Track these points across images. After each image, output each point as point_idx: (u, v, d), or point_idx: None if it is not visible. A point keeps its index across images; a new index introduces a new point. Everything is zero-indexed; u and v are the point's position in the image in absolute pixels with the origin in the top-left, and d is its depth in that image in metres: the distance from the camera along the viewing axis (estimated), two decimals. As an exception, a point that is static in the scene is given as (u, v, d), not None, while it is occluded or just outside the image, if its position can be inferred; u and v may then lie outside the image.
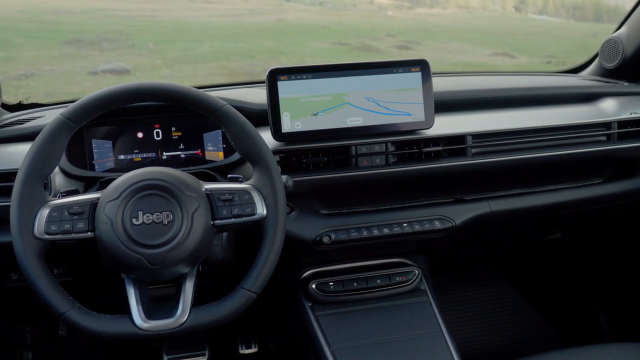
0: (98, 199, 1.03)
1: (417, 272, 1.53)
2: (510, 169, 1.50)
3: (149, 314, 1.02)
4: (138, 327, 1.00)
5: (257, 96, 1.47)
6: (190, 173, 1.10)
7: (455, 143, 1.43)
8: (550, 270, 2.21)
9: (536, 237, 2.04)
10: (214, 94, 1.16)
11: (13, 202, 0.99)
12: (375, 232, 1.41)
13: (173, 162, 1.39)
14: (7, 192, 1.24)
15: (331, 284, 1.47)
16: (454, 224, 1.46)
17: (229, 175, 1.17)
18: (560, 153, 1.51)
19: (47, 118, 1.44)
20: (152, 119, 1.39)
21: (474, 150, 1.44)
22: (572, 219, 1.86)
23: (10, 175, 1.25)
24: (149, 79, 1.32)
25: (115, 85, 1.06)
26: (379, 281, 1.49)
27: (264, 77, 1.34)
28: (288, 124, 1.33)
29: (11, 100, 1.62)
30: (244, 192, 1.07)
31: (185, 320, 1.02)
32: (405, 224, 1.43)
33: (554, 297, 2.21)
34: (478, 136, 1.45)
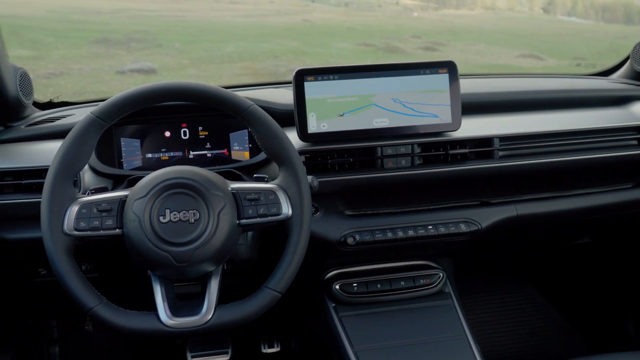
0: (126, 196, 1.04)
1: (441, 274, 1.51)
2: (538, 172, 1.48)
3: (175, 311, 1.03)
4: (164, 324, 1.01)
5: (283, 96, 1.48)
6: (216, 172, 1.11)
7: (482, 145, 1.42)
8: (577, 275, 2.17)
9: (564, 242, 2.01)
10: (240, 94, 1.17)
11: (44, 198, 1.01)
12: (400, 234, 1.40)
13: (199, 161, 1.41)
14: (37, 189, 1.27)
15: (355, 285, 1.47)
16: (479, 227, 1.45)
17: (254, 175, 1.18)
18: (590, 157, 1.49)
19: (77, 116, 1.47)
20: (180, 119, 1.40)
21: (501, 153, 1.43)
22: (602, 224, 1.83)
23: (40, 172, 1.27)
24: (175, 78, 1.34)
25: (144, 84, 1.07)
26: (403, 283, 1.48)
27: (288, 77, 1.34)
28: (314, 125, 1.33)
29: (41, 98, 1.65)
30: (270, 192, 1.08)
31: (210, 318, 1.03)
32: (430, 227, 1.42)
33: (581, 303, 2.18)
34: (506, 139, 1.43)
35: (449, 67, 1.38)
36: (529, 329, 2.14)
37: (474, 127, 1.44)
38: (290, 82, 1.70)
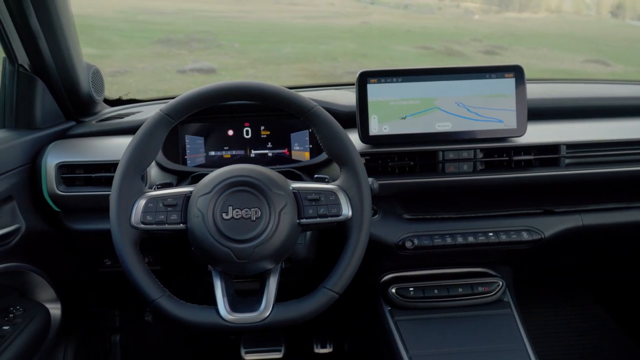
0: (191, 192, 1.06)
1: (500, 283, 1.48)
2: (606, 182, 1.43)
3: (234, 307, 1.04)
4: (223, 319, 1.03)
5: (345, 98, 1.48)
6: (277, 172, 1.12)
7: (548, 152, 1.38)
8: None
9: (632, 257, 1.93)
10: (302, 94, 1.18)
11: (113, 192, 1.04)
12: (460, 240, 1.38)
13: (260, 160, 1.43)
14: (106, 182, 1.31)
15: (411, 289, 1.46)
16: (542, 236, 1.41)
17: (315, 176, 1.18)
18: None
19: (145, 113, 1.51)
20: (243, 118, 1.43)
21: (567, 161, 1.39)
22: None
23: (109, 166, 1.32)
24: (234, 78, 1.36)
25: (212, 83, 1.09)
26: (460, 290, 1.46)
27: (345, 79, 1.35)
28: (375, 127, 1.33)
29: (107, 95, 1.71)
30: (330, 192, 1.08)
31: (268, 316, 1.03)
32: (491, 234, 1.40)
33: None
34: (573, 146, 1.39)
35: (516, 72, 1.35)
36: (590, 345, 2.06)
37: (538, 133, 1.41)
38: (349, 84, 1.71)
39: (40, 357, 1.40)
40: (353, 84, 1.34)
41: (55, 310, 1.45)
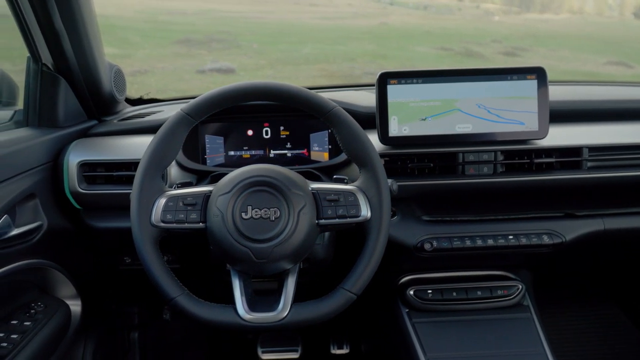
0: (211, 191, 1.07)
1: (520, 286, 1.47)
2: (629, 185, 1.41)
3: (252, 306, 1.04)
4: (241, 318, 1.03)
5: (364, 99, 1.48)
6: (296, 172, 1.12)
7: (570, 155, 1.36)
8: None
9: None
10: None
11: (134, 190, 1.05)
12: (479, 243, 1.37)
13: (279, 160, 1.43)
14: (127, 181, 1.33)
15: (430, 291, 1.45)
16: (563, 239, 1.40)
17: (334, 176, 1.18)
18: None
19: (166, 113, 1.53)
20: (262, 118, 1.43)
21: (590, 164, 1.37)
22: None
23: (130, 165, 1.33)
24: (253, 78, 1.36)
25: (232, 83, 1.10)
26: (479, 293, 1.45)
27: (363, 80, 1.34)
28: (395, 128, 1.32)
29: (130, 95, 1.73)
30: (350, 193, 1.08)
31: (286, 316, 1.03)
32: (511, 237, 1.38)
33: None
34: (595, 149, 1.37)
35: (538, 73, 1.34)
36: (610, 352, 2.03)
37: (560, 135, 1.39)
38: (368, 85, 1.71)
39: (60, 353, 1.42)
40: (372, 85, 1.34)
41: (75, 307, 1.47)
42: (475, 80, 1.33)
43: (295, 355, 1.84)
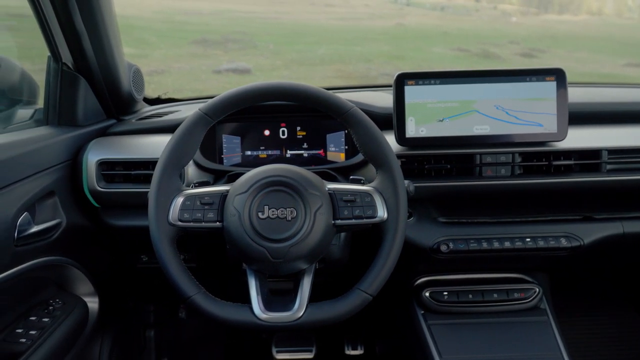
0: (228, 191, 1.07)
1: (537, 289, 1.46)
2: None
3: (268, 306, 1.04)
4: (257, 317, 1.03)
5: (381, 100, 1.48)
6: (312, 172, 1.12)
7: (589, 158, 1.35)
8: None
9: None
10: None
11: (152, 189, 1.06)
12: (496, 245, 1.36)
13: (296, 161, 1.43)
14: (145, 180, 1.34)
15: (445, 293, 1.44)
16: (581, 243, 1.38)
17: (351, 177, 1.18)
18: None
19: (184, 112, 1.53)
20: (279, 118, 1.43)
21: (609, 167, 1.35)
22: None
23: (148, 163, 1.34)
24: (268, 79, 1.37)
25: (250, 83, 1.10)
26: (495, 295, 1.44)
27: (379, 81, 1.34)
28: (412, 129, 1.32)
29: (148, 94, 1.74)
30: (366, 194, 1.07)
31: (302, 315, 1.04)
32: (528, 239, 1.37)
33: None
34: (615, 152, 1.35)
35: (557, 75, 1.32)
36: (629, 358, 2.00)
37: (579, 137, 1.38)
38: (384, 86, 1.70)
39: (77, 350, 1.43)
40: (388, 86, 1.34)
41: (93, 304, 1.48)
42: (493, 81, 1.32)
43: (310, 355, 1.84)
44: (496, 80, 1.32)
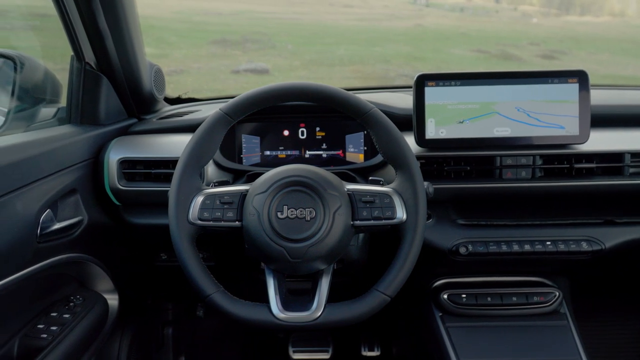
0: (247, 191, 1.08)
1: (557, 293, 1.44)
2: None
3: (286, 305, 1.05)
4: (275, 317, 1.03)
5: (400, 101, 1.47)
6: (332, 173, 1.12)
7: (611, 161, 1.33)
8: None
9: None
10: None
11: (172, 188, 1.07)
12: (516, 248, 1.35)
13: (315, 161, 1.43)
14: (165, 179, 1.35)
15: (464, 296, 1.43)
16: (603, 247, 1.36)
17: (370, 178, 1.18)
18: None
19: (204, 112, 1.54)
20: (298, 119, 1.44)
21: (631, 170, 1.33)
22: None
23: (168, 162, 1.35)
24: (287, 79, 1.37)
25: (270, 84, 1.11)
26: (514, 299, 1.43)
27: (397, 82, 1.34)
28: (432, 130, 1.31)
29: (168, 94, 1.76)
30: (385, 195, 1.07)
31: (320, 315, 1.04)
32: (548, 242, 1.36)
33: None
34: (638, 155, 1.33)
35: (580, 77, 1.31)
36: None
37: (601, 140, 1.36)
38: (403, 87, 1.69)
39: (97, 346, 1.45)
40: (407, 87, 1.33)
41: (113, 301, 1.49)
42: (514, 83, 1.31)
43: (326, 355, 1.84)
44: (517, 82, 1.31)
